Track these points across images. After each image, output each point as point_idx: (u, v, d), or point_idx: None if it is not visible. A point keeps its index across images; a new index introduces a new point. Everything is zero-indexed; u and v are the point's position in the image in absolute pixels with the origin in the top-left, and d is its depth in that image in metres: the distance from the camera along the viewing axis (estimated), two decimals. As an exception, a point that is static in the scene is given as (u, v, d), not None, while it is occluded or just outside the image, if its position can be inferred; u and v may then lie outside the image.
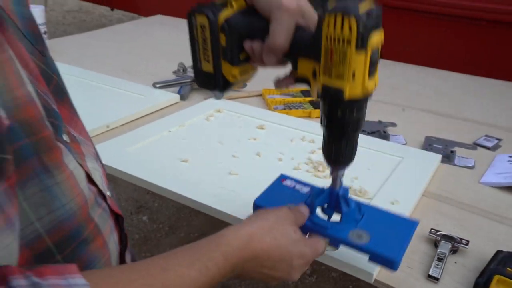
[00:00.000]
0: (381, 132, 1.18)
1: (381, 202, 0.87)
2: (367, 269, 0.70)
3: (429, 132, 1.21)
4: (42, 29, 1.69)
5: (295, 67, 0.60)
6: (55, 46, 1.72)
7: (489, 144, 1.14)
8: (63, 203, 0.44)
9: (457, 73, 1.66)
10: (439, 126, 1.25)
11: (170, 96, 1.32)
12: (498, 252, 0.74)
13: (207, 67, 0.63)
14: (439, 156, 1.05)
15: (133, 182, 0.94)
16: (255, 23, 0.59)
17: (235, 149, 1.04)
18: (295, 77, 0.61)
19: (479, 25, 2.03)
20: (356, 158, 0.61)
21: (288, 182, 0.75)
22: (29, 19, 0.50)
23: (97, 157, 0.58)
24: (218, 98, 1.28)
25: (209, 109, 1.24)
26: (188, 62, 1.52)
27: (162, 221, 2.23)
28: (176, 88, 1.38)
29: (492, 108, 1.38)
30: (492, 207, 0.90)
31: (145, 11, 3.10)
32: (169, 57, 1.65)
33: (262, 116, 1.22)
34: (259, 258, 0.56)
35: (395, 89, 1.51)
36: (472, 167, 1.04)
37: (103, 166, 0.59)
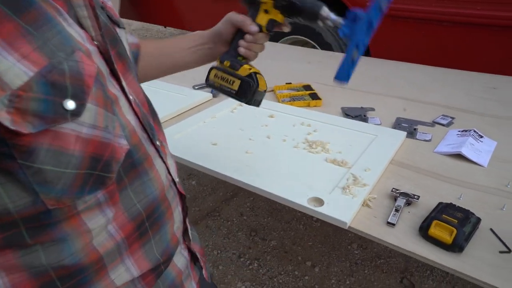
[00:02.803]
0: (362, 116, 1.21)
1: (357, 169, 0.92)
2: (343, 219, 0.76)
3: (399, 114, 1.23)
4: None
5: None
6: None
7: (444, 122, 1.16)
8: (152, 190, 0.53)
9: (426, 65, 1.65)
10: (407, 109, 1.27)
11: (205, 95, 1.37)
12: (439, 203, 0.79)
13: (237, 84, 0.73)
14: (404, 133, 1.08)
15: (179, 161, 1.00)
16: (232, 50, 0.75)
17: (251, 134, 1.09)
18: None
19: (447, 26, 2.01)
20: (341, 137, 0.70)
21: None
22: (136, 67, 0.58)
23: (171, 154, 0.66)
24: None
25: (233, 104, 1.27)
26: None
27: (206, 184, 2.31)
28: (209, 88, 1.42)
29: (450, 93, 1.38)
30: (440, 170, 0.94)
31: (189, 27, 3.19)
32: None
33: (273, 107, 1.26)
34: None
35: (377, 81, 1.51)
36: (429, 140, 1.07)
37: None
